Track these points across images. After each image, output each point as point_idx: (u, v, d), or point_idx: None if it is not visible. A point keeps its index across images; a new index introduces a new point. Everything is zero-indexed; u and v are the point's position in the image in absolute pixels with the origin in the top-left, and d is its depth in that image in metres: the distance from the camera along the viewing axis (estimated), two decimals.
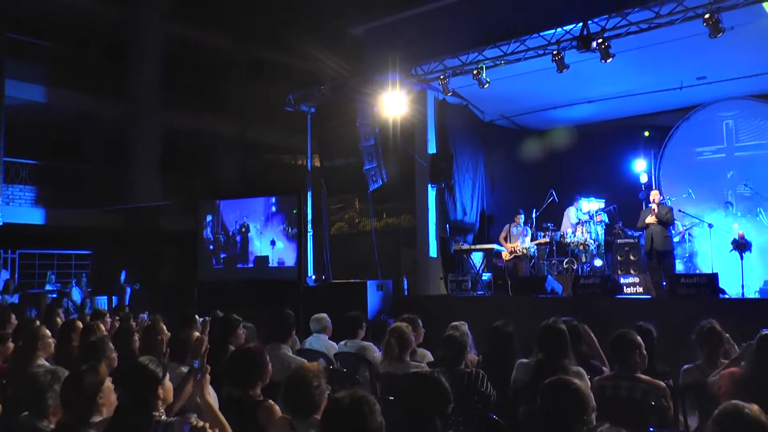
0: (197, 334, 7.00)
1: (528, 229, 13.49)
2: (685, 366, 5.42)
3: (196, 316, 7.51)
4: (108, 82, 20.13)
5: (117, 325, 7.97)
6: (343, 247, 17.71)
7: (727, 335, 5.58)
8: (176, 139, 21.14)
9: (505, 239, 13.43)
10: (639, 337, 4.93)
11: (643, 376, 4.76)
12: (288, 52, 22.18)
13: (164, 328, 6.18)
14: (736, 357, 5.02)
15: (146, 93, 20.25)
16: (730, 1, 9.41)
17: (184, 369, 4.68)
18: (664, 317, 9.91)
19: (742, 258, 10.85)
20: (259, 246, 14.78)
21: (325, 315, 7.62)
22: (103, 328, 6.98)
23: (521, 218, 13.47)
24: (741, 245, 10.97)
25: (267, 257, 14.63)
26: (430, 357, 6.60)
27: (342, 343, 7.05)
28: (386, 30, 13.45)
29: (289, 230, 14.35)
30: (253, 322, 9.61)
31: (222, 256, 15.20)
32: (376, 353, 6.66)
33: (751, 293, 10.46)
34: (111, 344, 5.30)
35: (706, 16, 9.38)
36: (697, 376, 5.21)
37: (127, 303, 16.01)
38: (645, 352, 4.88)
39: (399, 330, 5.71)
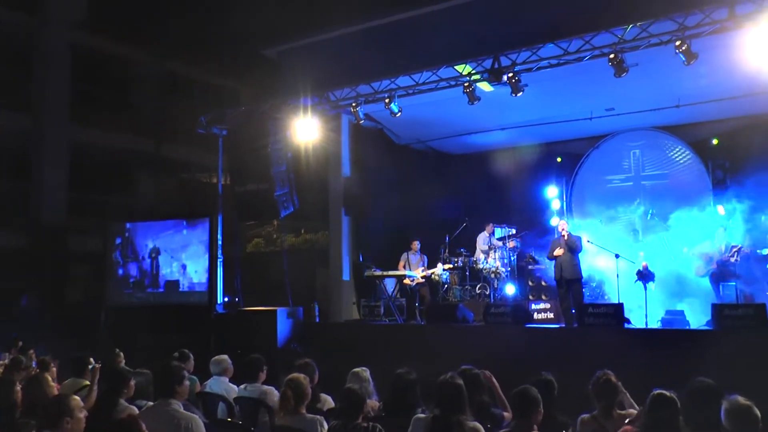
0: (86, 382, 6.75)
1: (425, 257, 13.53)
2: (582, 415, 5.44)
3: (91, 360, 7.17)
4: (12, 93, 19.19)
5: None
6: (260, 266, 17.44)
7: (623, 390, 5.60)
8: (86, 155, 20.34)
9: (404, 267, 13.41)
10: (538, 393, 4.90)
11: None
12: (204, 70, 21.74)
13: (50, 380, 5.80)
14: (633, 419, 5.04)
15: (53, 106, 19.41)
16: (634, 42, 9.68)
17: None
18: (572, 346, 10.13)
19: (645, 288, 11.11)
20: (170, 270, 14.36)
21: (225, 357, 7.37)
22: None
23: (417, 245, 13.49)
24: (645, 276, 11.24)
25: (178, 282, 14.24)
26: (331, 402, 6.46)
27: (242, 386, 6.82)
28: (300, 53, 13.28)
29: (201, 254, 14.00)
30: (163, 349, 9.30)
31: (131, 280, 14.70)
32: (276, 398, 6.47)
33: (654, 322, 10.71)
34: None
35: (611, 56, 9.63)
36: (594, 427, 5.23)
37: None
38: (542, 408, 4.86)
39: (295, 381, 5.53)
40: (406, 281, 13.04)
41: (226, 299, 14.32)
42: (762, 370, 8.34)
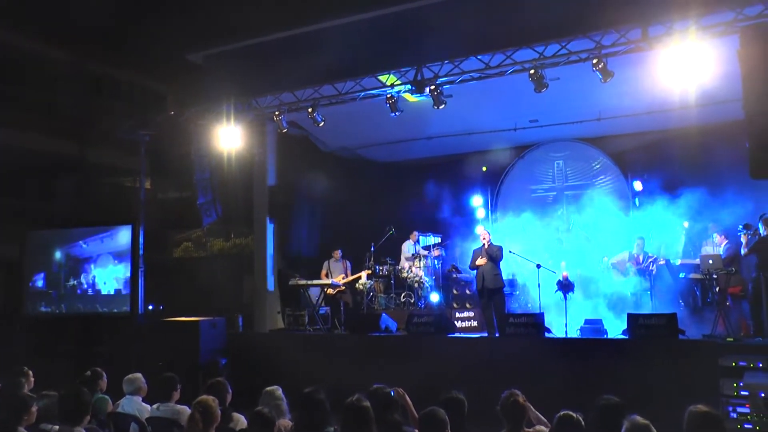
0: None
1: (348, 263, 13.54)
2: None
3: None
4: None
5: None
6: (190, 271, 17.12)
7: (531, 408, 5.67)
8: (3, 157, 19.53)
9: (327, 275, 13.38)
10: (446, 415, 4.91)
11: None
12: (129, 72, 21.17)
13: None
14: None
15: None
16: (554, 59, 9.88)
17: None
18: (493, 356, 10.27)
19: (566, 298, 11.33)
20: (91, 279, 13.98)
21: (139, 375, 7.18)
22: None
23: (339, 253, 13.49)
24: (565, 286, 11.45)
25: (99, 291, 13.88)
26: (243, 422, 6.33)
27: (155, 406, 6.66)
28: (225, 59, 13.09)
29: (123, 262, 13.67)
30: (82, 362, 9.01)
31: (50, 289, 14.25)
32: None
33: (574, 332, 10.93)
34: None
35: (531, 71, 9.80)
36: None
37: None
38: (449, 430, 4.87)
39: (204, 404, 5.42)
40: (329, 290, 13.00)
41: (150, 308, 14.03)
42: (673, 377, 8.66)
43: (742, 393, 8.22)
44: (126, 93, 22.61)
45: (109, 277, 13.91)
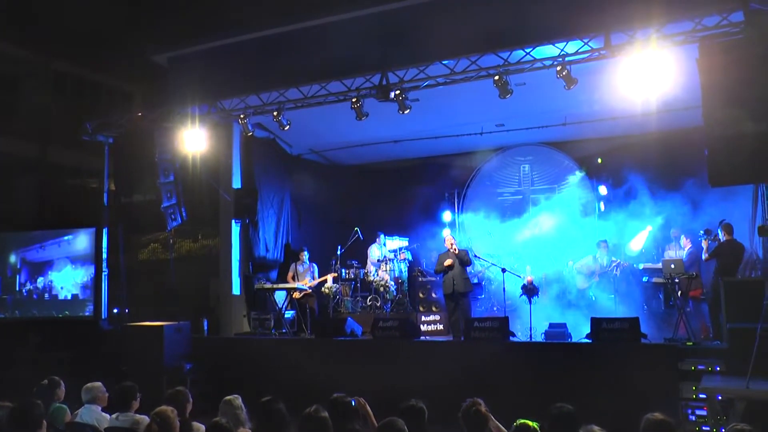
0: None
1: (314, 266, 13.50)
2: None
3: None
4: None
5: None
6: (157, 273, 16.88)
7: (491, 418, 5.68)
8: None
9: (293, 278, 13.34)
10: (404, 426, 4.90)
11: None
12: (95, 72, 20.82)
13: None
14: None
15: None
16: (518, 65, 9.94)
17: None
18: (458, 360, 10.30)
19: (530, 302, 11.40)
20: (49, 284, 13.78)
21: (99, 384, 7.05)
22: None
23: (305, 255, 13.45)
24: (530, 290, 11.52)
25: (57, 296, 13.67)
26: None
27: (114, 416, 6.56)
28: (190, 61, 12.97)
29: (86, 266, 13.50)
30: (43, 368, 8.81)
31: (7, 294, 13.99)
32: None
33: (538, 336, 11.00)
34: None
35: (496, 77, 9.85)
36: None
37: None
38: None
39: (161, 415, 5.34)
40: (295, 294, 12.95)
41: (115, 312, 13.85)
42: (636, 381, 8.77)
43: (701, 396, 8.39)
44: (90, 93, 22.26)
45: (66, 281, 13.72)
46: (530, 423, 4.76)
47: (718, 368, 8.55)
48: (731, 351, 8.60)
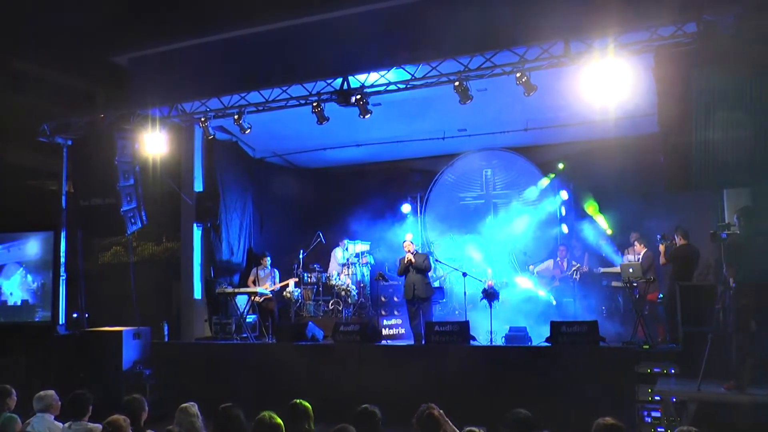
0: None
1: (276, 270, 13.45)
2: None
3: None
4: None
5: None
6: (119, 277, 16.65)
7: (446, 421, 5.71)
8: None
9: (254, 282, 13.27)
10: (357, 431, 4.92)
11: None
12: (55, 71, 20.45)
13: None
14: None
15: None
16: (478, 71, 10.01)
17: None
18: (420, 363, 10.34)
19: (491, 306, 11.47)
20: (9, 288, 13.54)
21: (51, 392, 6.93)
22: None
23: (268, 260, 13.38)
24: (490, 294, 11.58)
25: (6, 302, 13.46)
26: None
27: (67, 425, 6.47)
28: (151, 62, 12.84)
29: (43, 270, 13.29)
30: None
31: None
32: None
33: (499, 339, 11.07)
34: None
35: (456, 83, 9.90)
36: None
37: None
38: None
39: (114, 424, 5.29)
40: (256, 298, 12.88)
41: (74, 316, 13.64)
42: (594, 384, 8.90)
43: (656, 398, 8.54)
44: (50, 93, 21.88)
45: (14, 287, 13.51)
46: (475, 429, 4.81)
47: (673, 371, 8.70)
48: (685, 354, 8.80)
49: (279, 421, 4.92)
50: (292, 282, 13.24)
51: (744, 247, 7.60)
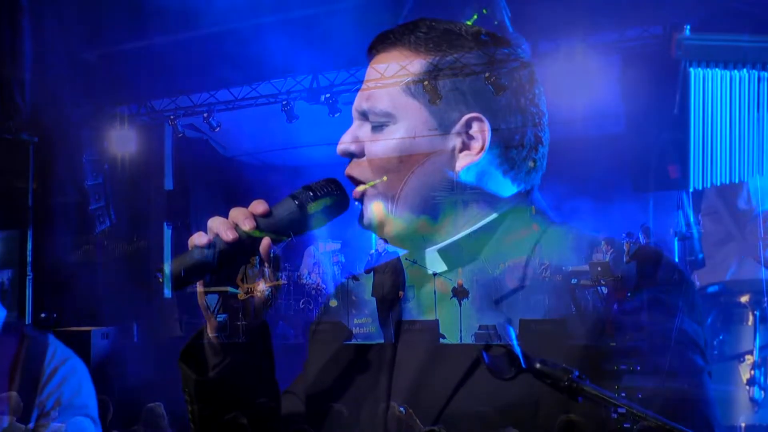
0: None
1: (265, 270, 13.36)
2: None
3: None
4: None
5: None
6: (88, 276, 16.51)
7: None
8: None
9: (242, 281, 13.18)
10: None
11: None
12: (17, 66, 20.18)
13: None
14: None
15: None
16: (449, 70, 10.00)
17: None
18: (389, 362, 10.35)
19: (460, 305, 11.51)
20: None
21: (14, 393, 6.89)
22: None
23: (256, 259, 13.28)
24: (460, 293, 11.63)
25: None
26: None
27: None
28: (120, 59, 12.71)
29: (8, 271, 13.14)
30: None
31: None
32: None
33: (468, 338, 11.14)
34: None
35: (425, 83, 9.87)
36: None
37: None
38: None
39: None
40: (240, 295, 12.80)
41: (42, 316, 13.49)
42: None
43: (622, 394, 8.63)
44: (19, 87, 21.60)
45: None
46: (435, 428, 4.84)
47: (639, 368, 8.80)
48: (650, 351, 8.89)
49: (244, 421, 4.91)
50: (262, 283, 13.18)
51: None
